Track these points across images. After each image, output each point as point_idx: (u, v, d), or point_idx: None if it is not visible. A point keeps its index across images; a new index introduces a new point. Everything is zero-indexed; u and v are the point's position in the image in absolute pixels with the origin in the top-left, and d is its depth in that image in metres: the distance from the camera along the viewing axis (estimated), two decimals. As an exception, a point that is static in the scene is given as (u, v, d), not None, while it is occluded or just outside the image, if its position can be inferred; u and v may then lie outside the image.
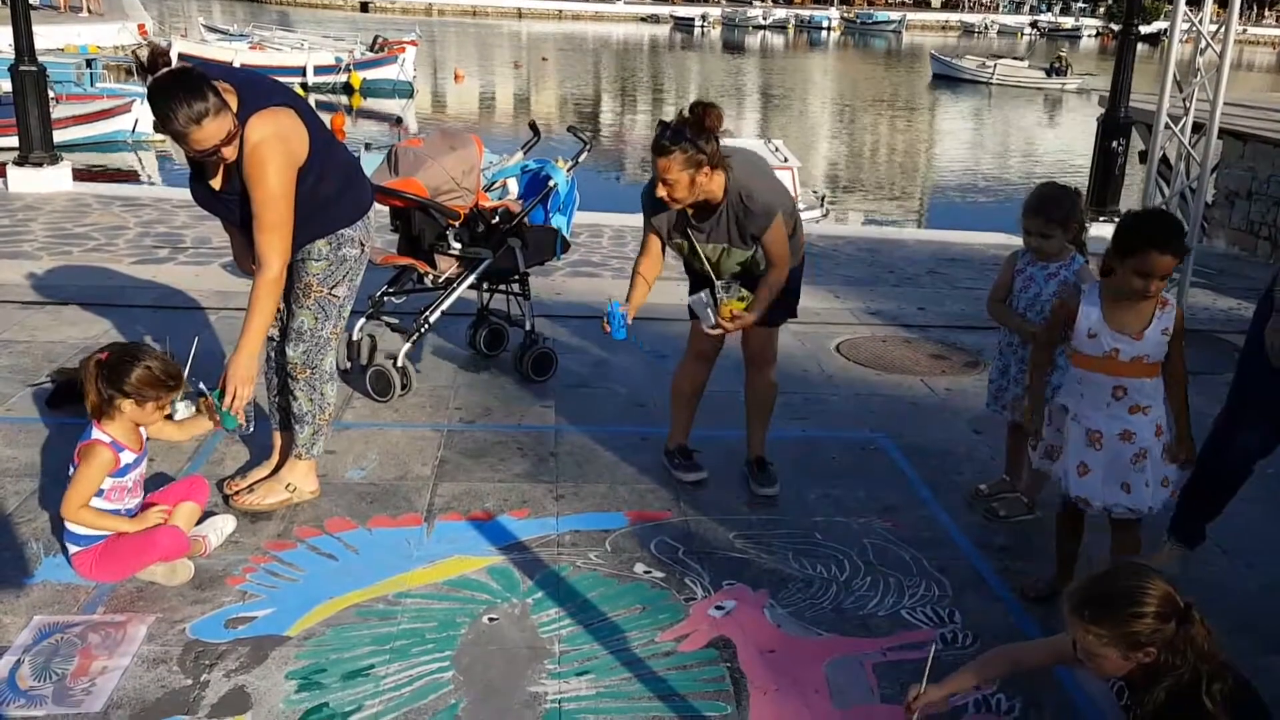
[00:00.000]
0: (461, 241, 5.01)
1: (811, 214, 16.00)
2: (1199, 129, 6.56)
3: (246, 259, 3.79)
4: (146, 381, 3.32)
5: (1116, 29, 10.52)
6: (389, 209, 5.10)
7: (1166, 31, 6.72)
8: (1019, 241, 4.00)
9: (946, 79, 47.19)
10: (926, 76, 49.02)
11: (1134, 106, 9.17)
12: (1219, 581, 3.64)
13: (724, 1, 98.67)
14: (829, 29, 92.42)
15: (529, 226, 5.20)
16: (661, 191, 3.73)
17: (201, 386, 3.54)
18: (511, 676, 2.96)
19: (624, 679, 2.99)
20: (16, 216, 8.48)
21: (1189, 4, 6.49)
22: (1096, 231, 8.48)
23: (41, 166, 9.49)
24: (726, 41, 77.34)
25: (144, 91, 3.35)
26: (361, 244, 3.75)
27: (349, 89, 32.89)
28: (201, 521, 3.57)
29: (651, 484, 4.22)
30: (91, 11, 41.91)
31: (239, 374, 3.44)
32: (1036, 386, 3.50)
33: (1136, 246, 3.09)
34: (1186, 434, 3.35)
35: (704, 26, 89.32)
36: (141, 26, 36.18)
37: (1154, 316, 3.21)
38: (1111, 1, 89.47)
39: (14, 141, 9.70)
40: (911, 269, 8.41)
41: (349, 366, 5.15)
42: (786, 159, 16.23)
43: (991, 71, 46.51)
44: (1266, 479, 3.48)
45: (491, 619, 3.24)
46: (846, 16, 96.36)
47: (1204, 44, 6.37)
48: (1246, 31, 78.95)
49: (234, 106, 3.31)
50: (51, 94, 12.22)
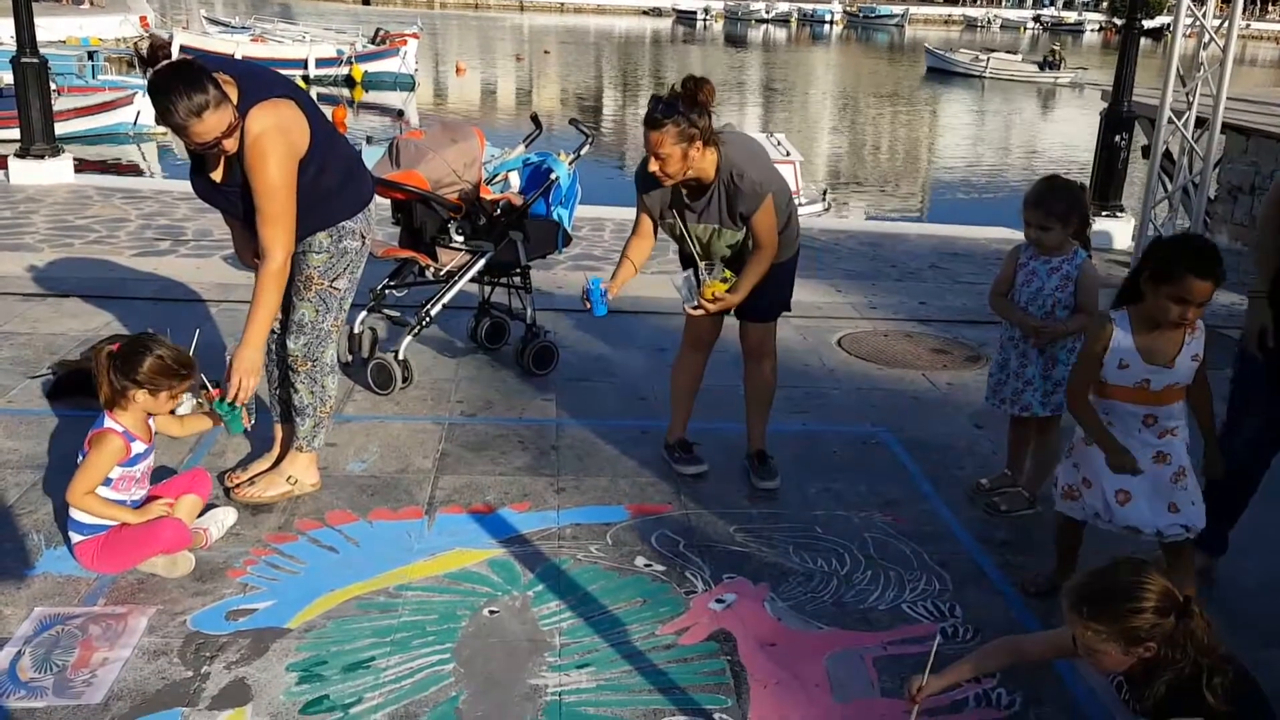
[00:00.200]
0: (463, 234, 5.01)
1: (813, 208, 16.00)
2: (1202, 124, 6.55)
3: (247, 251, 3.78)
4: (158, 370, 3.34)
5: (1119, 23, 10.50)
6: (390, 201, 5.10)
7: (1170, 26, 6.71)
8: (1021, 236, 4.00)
9: (940, 72, 47.30)
10: (921, 70, 49.04)
11: (1137, 101, 9.14)
12: (1218, 577, 3.63)
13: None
14: (831, 23, 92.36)
15: (531, 220, 5.20)
16: (654, 166, 3.70)
17: (204, 379, 3.54)
18: (512, 669, 2.97)
19: (624, 672, 2.99)
20: (18, 209, 8.48)
21: (1192, -2, 6.49)
22: (1099, 226, 8.52)
23: (43, 159, 9.48)
24: (729, 35, 77.24)
25: (145, 84, 3.34)
26: (362, 236, 3.75)
27: (350, 82, 32.90)
28: (203, 514, 3.57)
29: (652, 477, 4.22)
30: (93, 4, 41.93)
31: (244, 365, 3.44)
32: (1098, 430, 3.17)
33: (1175, 273, 2.95)
34: (1215, 450, 3.27)
35: (706, 20, 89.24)
36: (143, 19, 36.18)
37: (1184, 343, 3.09)
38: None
39: (15, 134, 9.68)
40: (913, 263, 8.40)
41: (350, 359, 5.15)
42: (789, 153, 16.23)
43: (985, 65, 46.60)
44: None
45: (492, 612, 3.24)
46: (849, 10, 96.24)
47: (1207, 39, 6.36)
48: (1250, 27, 78.83)
49: (234, 99, 3.30)
50: (53, 86, 12.20)
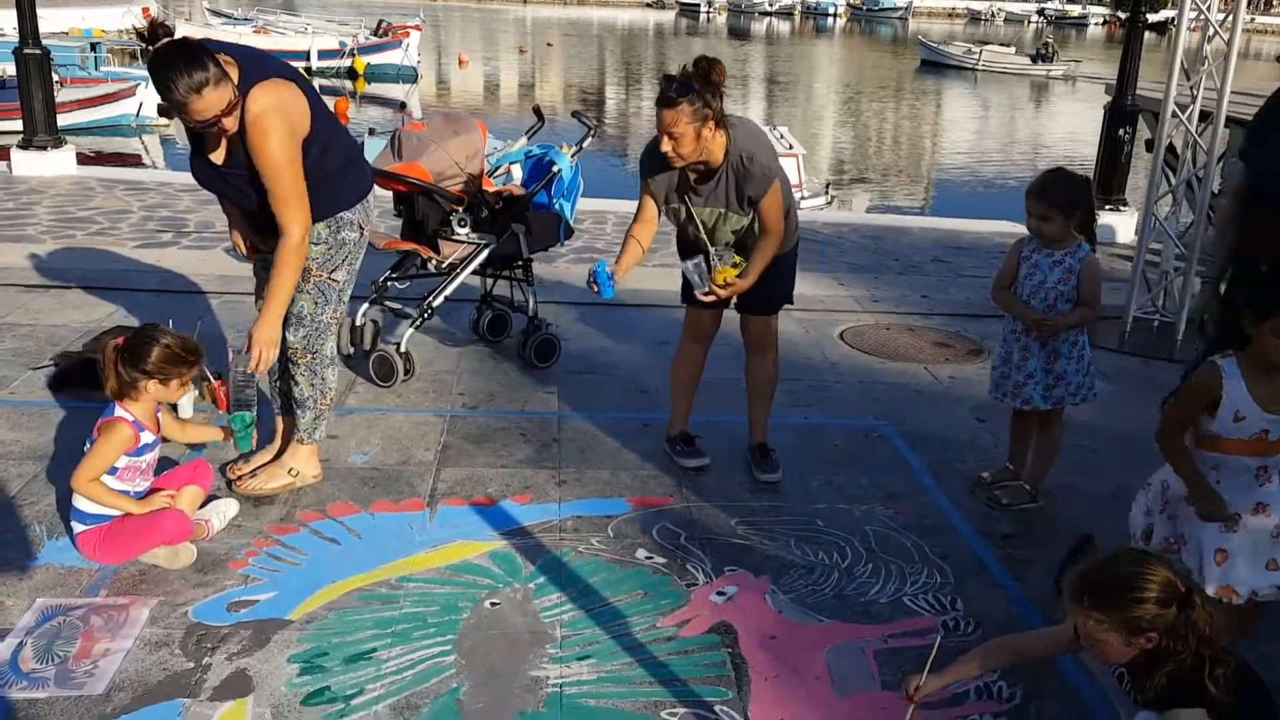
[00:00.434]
0: (465, 226, 5.00)
1: (816, 201, 15.97)
2: (1206, 117, 6.52)
3: (241, 237, 3.80)
4: (167, 359, 3.37)
5: (1123, 17, 10.47)
6: (392, 194, 5.09)
7: (1174, 20, 6.69)
8: (1023, 229, 3.99)
9: (933, 65, 47.42)
10: (915, 63, 49.10)
11: (1141, 95, 9.11)
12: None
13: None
14: (835, 15, 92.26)
15: (533, 212, 5.19)
16: (666, 146, 3.66)
17: (205, 371, 3.55)
18: (513, 661, 2.97)
19: (625, 664, 2.99)
20: (20, 200, 8.48)
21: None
22: (1102, 220, 8.50)
23: (45, 150, 9.48)
24: (732, 28, 77.17)
25: (148, 75, 3.34)
26: (360, 227, 3.75)
27: (353, 73, 32.88)
28: (204, 505, 3.58)
29: (654, 470, 4.22)
30: (95, -5, 41.78)
31: (263, 337, 3.48)
32: (1191, 473, 2.87)
33: None
34: None
35: (710, 12, 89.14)
36: (146, 10, 36.03)
37: None
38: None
39: (18, 125, 9.70)
40: (916, 257, 8.39)
41: (352, 352, 5.15)
42: (791, 146, 16.19)
43: (977, 58, 46.68)
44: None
45: (493, 603, 3.24)
46: (853, 3, 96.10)
47: (1212, 32, 6.33)
48: (1254, 21, 78.69)
49: (235, 79, 3.30)
50: (56, 78, 12.22)
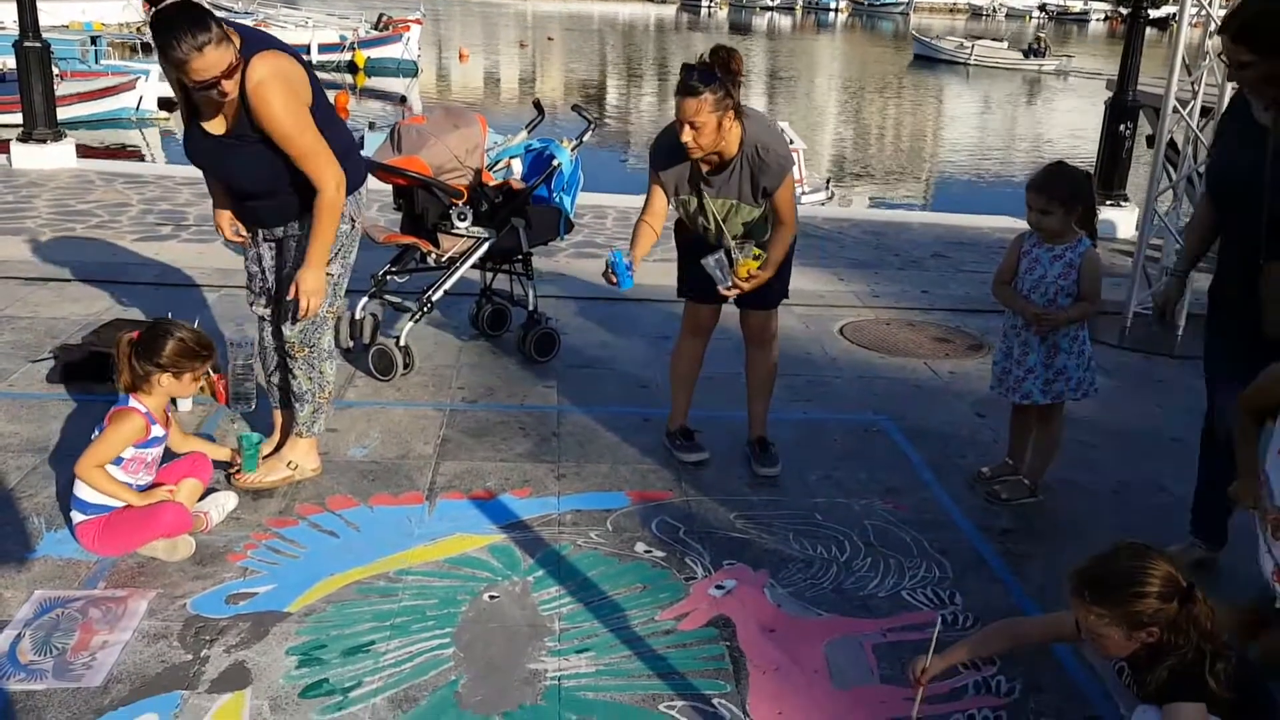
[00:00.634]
0: (465, 220, 5.00)
1: (817, 197, 15.96)
2: (1207, 113, 6.52)
3: (224, 219, 3.79)
4: (180, 352, 3.41)
5: (1125, 13, 10.46)
6: (392, 187, 5.09)
7: (1175, 16, 6.68)
8: (1024, 224, 3.99)
9: (926, 59, 47.55)
10: (908, 58, 49.19)
11: (1142, 90, 9.10)
12: (1219, 569, 3.62)
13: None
14: (836, 10, 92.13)
15: (533, 206, 5.18)
16: (687, 136, 3.64)
17: (208, 369, 3.57)
18: (512, 654, 2.97)
19: (624, 657, 2.99)
20: (20, 193, 8.47)
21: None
22: (1103, 215, 8.49)
23: (45, 143, 9.46)
24: (734, 23, 77.08)
25: (149, 69, 3.34)
26: (352, 219, 3.75)
27: (353, 68, 32.81)
28: (203, 498, 3.58)
29: (653, 464, 4.22)
30: (96, -12, 41.77)
31: (308, 286, 3.55)
32: (1248, 458, 2.86)
33: None
34: None
35: (711, 7, 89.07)
36: (146, 4, 36.08)
37: None
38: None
39: (18, 118, 9.68)
40: (916, 252, 8.38)
41: (352, 345, 5.15)
42: (792, 140, 16.16)
43: (970, 52, 46.79)
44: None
45: (492, 596, 3.24)
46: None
47: (1213, 28, 6.32)
48: (1256, 16, 78.37)
49: (237, 44, 3.30)
50: (56, 71, 12.20)
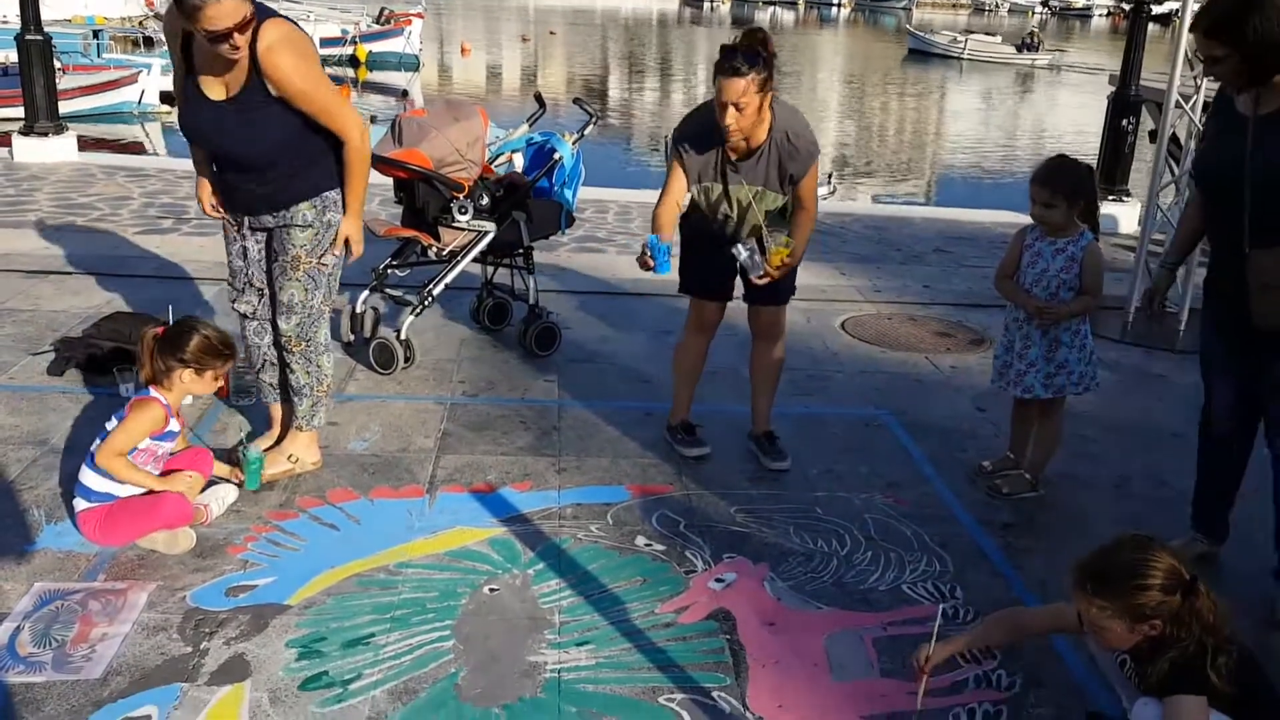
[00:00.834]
0: (466, 214, 4.99)
1: (820, 190, 15.94)
2: (1209, 108, 6.51)
3: (205, 193, 3.77)
4: (204, 349, 3.45)
5: (1128, 8, 10.42)
6: (393, 180, 5.08)
7: (1178, 11, 6.66)
8: (1026, 219, 3.98)
9: (920, 54, 47.69)
10: (903, 52, 49.28)
11: (1144, 85, 9.08)
12: (1221, 564, 3.62)
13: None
14: (839, 5, 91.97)
15: (534, 200, 5.18)
16: (730, 119, 3.60)
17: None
18: (511, 646, 2.97)
19: (623, 650, 2.99)
20: (22, 186, 8.47)
21: (1202, -19, 6.43)
22: (1105, 210, 8.48)
23: (47, 136, 9.47)
24: (736, 17, 76.92)
25: (151, 63, 3.34)
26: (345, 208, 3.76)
27: (355, 62, 32.76)
28: (204, 491, 3.57)
29: (654, 458, 4.21)
30: (98, -18, 41.72)
31: (348, 232, 3.70)
32: None
33: None
34: None
35: (713, 1, 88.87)
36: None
37: None
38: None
39: (20, 112, 9.68)
40: (918, 247, 8.37)
41: (352, 339, 5.15)
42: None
43: (963, 46, 46.91)
44: (1262, 460, 3.46)
45: (492, 589, 3.24)
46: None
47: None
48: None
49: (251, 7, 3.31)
50: (58, 64, 12.19)
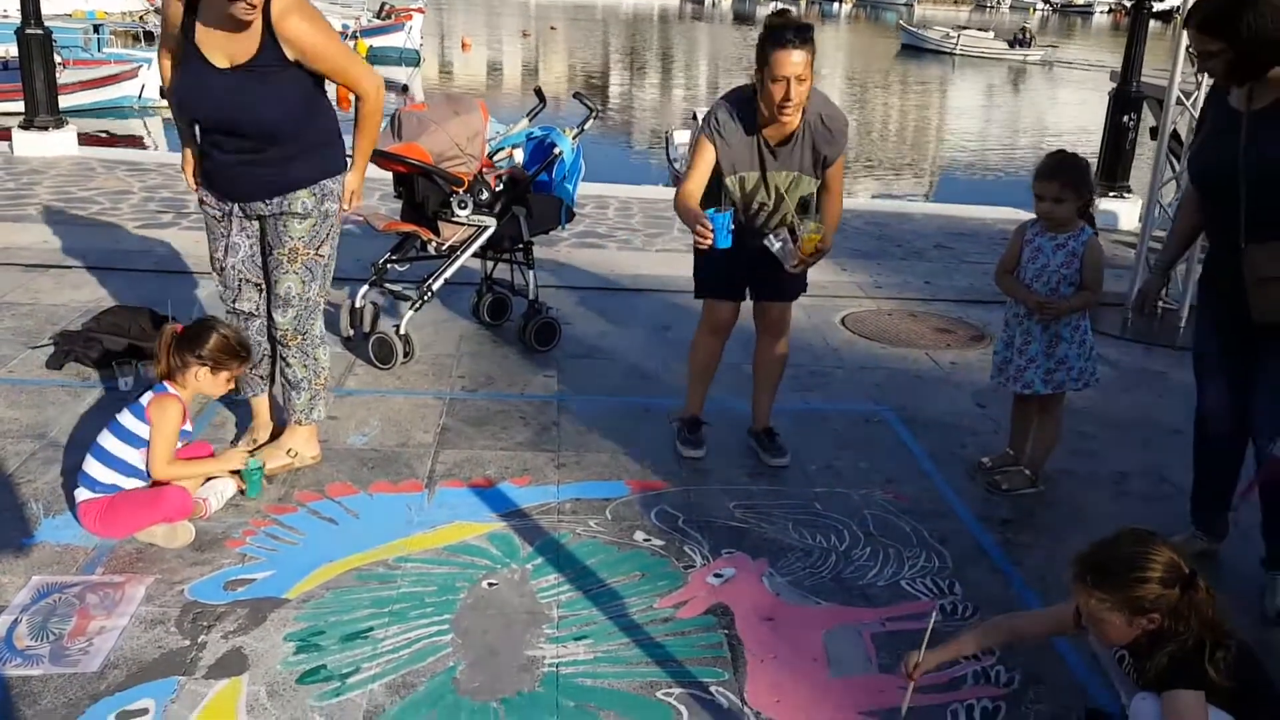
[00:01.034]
0: (465, 208, 4.98)
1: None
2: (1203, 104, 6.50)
3: (191, 167, 3.75)
4: (222, 348, 3.49)
5: (1129, 5, 10.41)
6: (392, 175, 5.07)
7: (1179, 8, 6.65)
8: (1026, 216, 3.97)
9: (913, 49, 47.83)
10: (896, 47, 49.40)
11: (1145, 82, 9.08)
12: (1221, 562, 3.62)
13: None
14: (841, 1, 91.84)
15: (534, 195, 5.17)
16: (795, 93, 3.53)
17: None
18: (510, 640, 2.97)
19: (622, 644, 2.99)
20: (21, 180, 8.46)
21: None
22: (1106, 206, 8.47)
23: (47, 131, 9.46)
24: (737, 13, 76.90)
25: (151, 58, 3.35)
26: (341, 199, 3.76)
27: (356, 57, 32.72)
28: (203, 485, 3.57)
29: (653, 454, 4.21)
30: (99, -23, 41.65)
31: (352, 186, 3.77)
32: None
33: None
34: None
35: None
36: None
37: None
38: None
39: (20, 106, 9.68)
40: (919, 243, 8.36)
41: (352, 334, 5.14)
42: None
43: (955, 42, 47.02)
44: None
45: (491, 584, 3.24)
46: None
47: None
48: (1261, 9, 78.20)
49: None
50: (58, 59, 12.18)
